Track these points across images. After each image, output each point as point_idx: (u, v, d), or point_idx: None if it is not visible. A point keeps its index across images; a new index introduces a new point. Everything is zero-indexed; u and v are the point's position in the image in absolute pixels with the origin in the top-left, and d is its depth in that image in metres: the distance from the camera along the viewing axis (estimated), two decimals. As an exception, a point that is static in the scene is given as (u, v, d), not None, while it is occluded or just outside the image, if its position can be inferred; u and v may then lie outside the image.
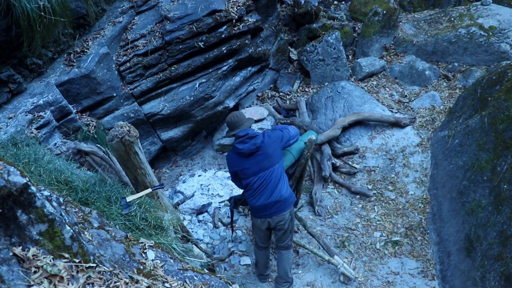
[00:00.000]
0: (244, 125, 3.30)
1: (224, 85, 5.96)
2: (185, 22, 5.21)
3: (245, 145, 3.21)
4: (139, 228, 2.53)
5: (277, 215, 3.42)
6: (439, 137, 5.16)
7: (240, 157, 3.28)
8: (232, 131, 3.33)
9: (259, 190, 3.32)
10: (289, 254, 3.77)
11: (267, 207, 3.38)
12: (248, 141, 3.21)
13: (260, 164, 3.26)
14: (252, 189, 3.36)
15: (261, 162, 3.25)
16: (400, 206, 4.81)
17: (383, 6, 6.87)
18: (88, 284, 1.32)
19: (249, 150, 3.21)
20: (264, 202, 3.35)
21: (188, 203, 5.12)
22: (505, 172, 3.73)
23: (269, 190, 3.31)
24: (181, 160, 6.31)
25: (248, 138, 3.22)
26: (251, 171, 3.29)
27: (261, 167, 3.27)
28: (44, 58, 4.63)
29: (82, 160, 4.05)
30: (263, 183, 3.30)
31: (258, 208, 3.42)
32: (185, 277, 1.73)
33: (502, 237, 3.45)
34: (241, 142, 3.23)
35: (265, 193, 3.32)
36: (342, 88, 6.23)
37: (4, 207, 1.19)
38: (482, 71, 6.09)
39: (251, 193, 3.38)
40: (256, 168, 3.27)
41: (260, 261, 3.95)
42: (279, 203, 3.37)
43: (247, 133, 3.23)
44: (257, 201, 3.37)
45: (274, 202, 3.35)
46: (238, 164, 3.32)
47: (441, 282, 3.96)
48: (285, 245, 3.70)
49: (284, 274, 3.78)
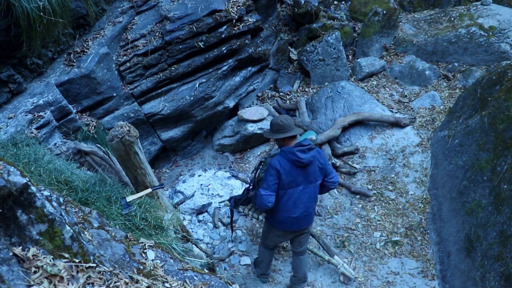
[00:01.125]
0: (295, 130, 3.15)
1: (224, 85, 5.96)
2: (185, 22, 5.21)
3: (306, 155, 3.08)
4: (139, 228, 2.53)
5: (306, 226, 3.47)
6: (439, 137, 5.16)
7: (293, 166, 3.10)
8: (284, 133, 3.12)
9: (298, 202, 3.24)
10: (306, 258, 3.85)
11: (301, 219, 3.34)
12: (308, 152, 3.09)
13: (308, 177, 3.18)
14: (292, 199, 3.23)
15: (309, 175, 3.18)
16: (400, 206, 4.81)
17: (383, 6, 6.87)
18: (88, 284, 1.31)
19: (308, 161, 3.10)
20: (299, 214, 3.29)
21: (188, 203, 5.12)
22: (505, 172, 3.73)
23: (306, 203, 3.27)
24: (181, 160, 6.31)
25: (308, 149, 3.10)
26: (297, 182, 3.18)
27: (308, 180, 3.19)
28: (44, 58, 4.63)
29: (82, 160, 4.05)
30: (302, 196, 3.23)
31: (292, 220, 3.33)
32: (185, 277, 1.73)
33: (502, 237, 3.45)
34: (302, 152, 3.07)
35: (302, 206, 3.27)
36: (342, 88, 6.23)
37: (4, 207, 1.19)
38: (482, 71, 6.09)
39: (291, 203, 3.24)
40: (303, 180, 3.18)
41: (265, 261, 3.92)
42: (310, 216, 3.40)
43: (310, 144, 3.11)
44: (294, 213, 3.28)
45: (307, 215, 3.35)
46: (289, 173, 3.12)
47: (441, 282, 3.96)
48: (303, 250, 3.75)
49: (303, 276, 3.85)
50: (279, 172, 3.09)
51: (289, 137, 3.15)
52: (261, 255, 3.94)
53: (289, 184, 3.17)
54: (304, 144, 3.08)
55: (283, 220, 3.34)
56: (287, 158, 3.09)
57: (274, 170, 3.09)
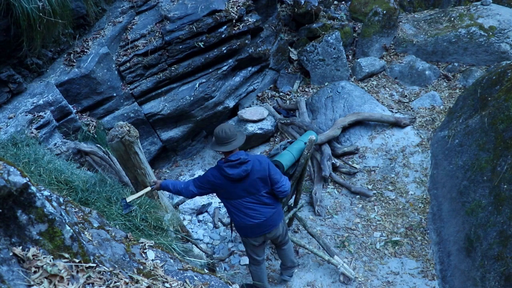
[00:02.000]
0: (233, 144, 2.92)
1: (224, 85, 5.96)
2: (185, 22, 5.21)
3: (236, 170, 2.92)
4: (139, 228, 2.54)
5: (269, 230, 3.32)
6: (439, 137, 5.16)
7: (227, 180, 2.98)
8: (219, 146, 2.95)
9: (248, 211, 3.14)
10: (290, 246, 3.78)
11: (261, 226, 3.24)
12: (239, 167, 2.92)
13: (248, 189, 3.04)
14: (239, 210, 3.14)
15: (249, 187, 3.03)
16: (400, 206, 4.81)
17: (383, 6, 6.87)
18: (88, 284, 1.31)
19: (239, 176, 2.94)
20: (257, 222, 3.18)
21: (188, 203, 5.12)
22: (505, 172, 3.73)
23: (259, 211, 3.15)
24: (181, 160, 6.31)
25: (239, 163, 2.92)
26: (236, 194, 3.06)
27: (249, 191, 3.06)
28: (44, 58, 4.63)
29: (82, 160, 4.06)
30: (250, 206, 3.12)
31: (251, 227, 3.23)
32: (185, 277, 1.73)
33: (502, 237, 3.45)
34: (231, 167, 2.92)
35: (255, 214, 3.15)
36: (342, 88, 6.23)
37: (4, 207, 1.19)
38: (482, 71, 6.09)
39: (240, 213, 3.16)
40: (242, 192, 3.05)
41: (263, 278, 3.71)
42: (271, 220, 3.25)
43: (239, 158, 2.91)
44: (248, 221, 3.18)
45: (266, 220, 3.21)
46: (222, 185, 3.02)
47: (441, 282, 3.96)
48: (284, 242, 3.69)
49: (290, 263, 3.86)
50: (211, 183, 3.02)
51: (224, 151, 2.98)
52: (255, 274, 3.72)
53: (228, 196, 3.09)
54: (232, 160, 2.91)
55: (242, 227, 3.27)
56: (218, 172, 2.99)
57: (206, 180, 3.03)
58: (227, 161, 2.94)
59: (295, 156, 3.66)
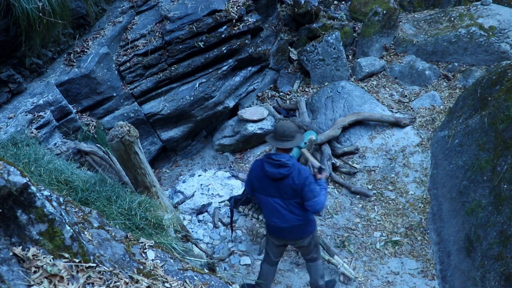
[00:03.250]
0: (285, 143, 2.99)
1: (224, 85, 5.96)
2: (185, 22, 5.21)
3: (273, 169, 2.98)
4: (139, 228, 2.53)
5: (292, 238, 3.33)
6: (439, 137, 5.16)
7: (265, 174, 3.05)
8: (272, 140, 3.05)
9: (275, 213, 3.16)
10: (317, 265, 3.61)
11: (283, 231, 3.24)
12: (277, 168, 2.97)
13: (280, 191, 3.07)
14: (267, 208, 3.20)
15: (281, 190, 3.06)
16: (400, 206, 4.81)
17: (383, 6, 6.87)
18: (88, 284, 1.31)
19: (273, 176, 3.00)
20: (280, 225, 3.19)
21: (188, 203, 5.12)
22: (505, 172, 3.73)
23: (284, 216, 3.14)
24: (181, 160, 6.31)
25: (278, 165, 2.96)
26: (268, 191, 3.11)
27: (281, 194, 3.08)
28: (44, 58, 4.63)
29: (82, 160, 4.05)
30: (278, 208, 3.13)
31: (275, 228, 3.26)
32: (185, 277, 1.73)
33: (502, 237, 3.45)
34: (270, 165, 2.99)
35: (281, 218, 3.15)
36: (342, 88, 6.23)
37: (4, 207, 1.19)
38: (482, 71, 6.09)
39: (267, 211, 3.22)
40: (275, 192, 3.08)
41: (269, 278, 3.69)
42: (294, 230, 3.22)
43: (280, 160, 2.95)
44: (274, 222, 3.20)
45: (289, 227, 3.19)
46: (259, 176, 3.10)
47: (441, 282, 3.96)
48: (311, 258, 3.56)
49: (314, 282, 3.68)
50: (250, 170, 3.20)
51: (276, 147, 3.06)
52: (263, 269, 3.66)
53: (259, 189, 3.14)
54: (273, 159, 2.98)
55: (268, 224, 3.31)
56: (261, 163, 3.08)
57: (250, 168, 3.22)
58: (269, 157, 3.01)
59: (295, 156, 3.66)
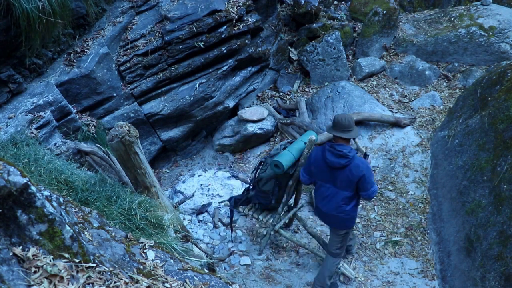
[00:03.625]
0: (350, 133, 3.17)
1: (224, 85, 5.96)
2: (185, 22, 5.21)
3: (333, 158, 3.16)
4: (139, 228, 2.53)
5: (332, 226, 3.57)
6: (439, 137, 5.16)
7: (323, 160, 3.25)
8: (337, 131, 3.18)
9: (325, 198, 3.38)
10: (334, 262, 3.71)
11: (327, 217, 3.49)
12: (338, 158, 3.15)
13: (335, 181, 3.26)
14: (319, 192, 3.44)
15: (336, 180, 3.25)
16: (400, 206, 4.81)
17: (383, 6, 6.87)
18: (88, 284, 1.31)
19: (332, 164, 3.19)
20: (326, 211, 3.42)
21: (188, 203, 5.12)
22: (505, 172, 3.73)
23: (332, 204, 3.34)
24: (181, 160, 6.31)
25: (340, 156, 3.14)
26: (324, 178, 3.32)
27: (335, 183, 3.28)
28: (44, 58, 4.63)
29: (82, 160, 4.06)
30: (329, 195, 3.33)
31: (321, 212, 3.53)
32: (185, 277, 1.73)
33: (502, 237, 3.45)
34: (332, 154, 3.17)
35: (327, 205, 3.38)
36: (342, 88, 6.23)
37: (4, 207, 1.19)
38: (482, 71, 6.09)
39: (319, 195, 3.46)
40: (330, 179, 3.29)
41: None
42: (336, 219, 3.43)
43: (343, 151, 3.12)
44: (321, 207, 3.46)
45: (333, 216, 3.41)
46: (317, 164, 3.32)
47: (441, 282, 3.96)
48: (333, 251, 3.68)
49: (321, 278, 3.74)
50: (310, 158, 3.39)
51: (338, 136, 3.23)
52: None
53: (316, 175, 3.38)
54: (336, 149, 3.15)
55: (316, 206, 3.60)
56: (321, 151, 3.29)
57: (309, 157, 3.42)
58: (332, 146, 3.19)
59: (295, 156, 3.66)
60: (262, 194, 3.92)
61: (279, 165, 3.54)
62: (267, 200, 3.93)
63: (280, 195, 3.90)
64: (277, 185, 3.81)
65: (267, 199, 3.92)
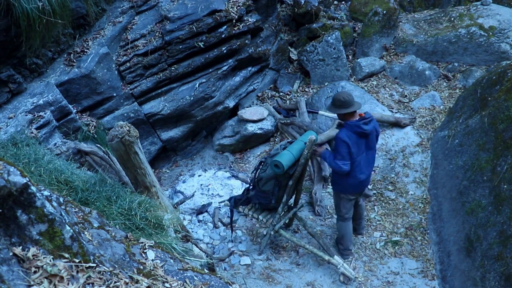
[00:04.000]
0: (355, 106, 3.50)
1: (224, 85, 5.96)
2: (185, 22, 5.21)
3: (369, 126, 3.51)
4: (139, 228, 2.53)
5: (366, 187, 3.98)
6: (439, 137, 5.16)
7: (357, 136, 3.52)
8: (347, 108, 3.48)
9: (363, 167, 3.69)
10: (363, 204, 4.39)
11: (363, 182, 3.81)
12: (369, 123, 3.52)
13: (369, 144, 3.65)
14: (359, 166, 3.66)
15: (370, 142, 3.65)
16: (400, 206, 4.81)
17: (383, 6, 6.87)
18: (88, 284, 1.31)
19: (370, 131, 3.53)
20: (366, 177, 3.76)
21: (188, 203, 5.12)
22: (505, 172, 3.73)
23: (368, 167, 3.76)
24: (181, 160, 6.31)
25: (370, 121, 3.52)
26: (362, 149, 3.62)
27: (370, 146, 3.68)
28: (44, 58, 4.63)
29: (82, 160, 4.06)
30: (366, 161, 3.69)
31: (361, 182, 3.77)
32: (185, 277, 1.73)
33: (502, 237, 3.45)
34: (366, 123, 3.50)
35: (365, 170, 3.73)
36: (342, 88, 6.23)
37: (4, 207, 1.19)
38: (482, 71, 6.09)
39: (358, 169, 3.67)
40: (365, 147, 3.64)
41: (347, 234, 4.16)
42: (369, 178, 3.90)
43: (370, 116, 3.56)
44: (362, 176, 3.72)
45: (368, 176, 3.83)
46: (355, 142, 3.54)
47: (441, 282, 3.96)
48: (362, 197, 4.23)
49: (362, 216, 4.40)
50: (347, 143, 3.50)
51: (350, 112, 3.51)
52: (341, 230, 4.17)
53: (356, 153, 3.58)
54: (366, 117, 3.52)
55: (354, 184, 3.76)
56: (352, 130, 3.50)
57: (344, 142, 3.51)
58: (362, 118, 3.51)
59: (295, 156, 3.66)
60: (262, 194, 3.92)
61: (279, 165, 3.54)
62: (267, 200, 3.93)
63: (280, 195, 3.90)
64: (277, 185, 3.82)
65: (267, 199, 3.92)
